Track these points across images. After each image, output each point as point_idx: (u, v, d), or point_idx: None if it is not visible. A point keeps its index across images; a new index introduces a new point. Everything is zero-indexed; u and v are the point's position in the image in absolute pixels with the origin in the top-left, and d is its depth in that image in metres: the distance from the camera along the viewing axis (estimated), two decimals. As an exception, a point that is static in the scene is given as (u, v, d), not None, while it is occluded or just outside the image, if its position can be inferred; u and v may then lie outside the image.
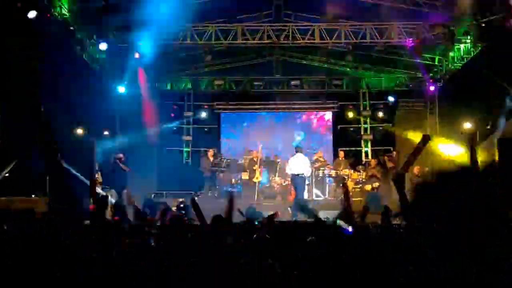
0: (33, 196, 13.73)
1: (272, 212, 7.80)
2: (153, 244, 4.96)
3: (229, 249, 5.05)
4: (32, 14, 13.57)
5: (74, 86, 15.23)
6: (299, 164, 15.87)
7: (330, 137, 23.52)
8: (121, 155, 17.51)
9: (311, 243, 5.52)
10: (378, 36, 16.95)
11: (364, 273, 4.20)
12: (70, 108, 15.31)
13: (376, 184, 18.55)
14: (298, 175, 15.68)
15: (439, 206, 3.47)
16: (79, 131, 17.51)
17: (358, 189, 18.60)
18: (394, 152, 19.99)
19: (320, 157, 19.47)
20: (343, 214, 8.64)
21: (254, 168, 18.40)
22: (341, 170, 18.85)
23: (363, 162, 21.44)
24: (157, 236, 5.60)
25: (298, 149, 16.69)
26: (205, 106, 23.30)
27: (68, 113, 15.32)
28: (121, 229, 6.03)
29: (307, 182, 18.22)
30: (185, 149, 23.16)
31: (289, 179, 17.20)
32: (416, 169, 17.87)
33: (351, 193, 18.35)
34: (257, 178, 18.28)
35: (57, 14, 14.99)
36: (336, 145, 22.69)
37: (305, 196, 17.68)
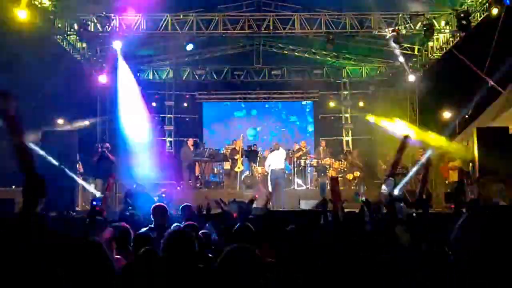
0: (13, 187, 13.71)
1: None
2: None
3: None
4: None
5: (55, 76, 15.15)
6: (278, 159, 16.43)
7: (311, 126, 23.68)
8: (107, 144, 17.41)
9: (291, 232, 5.62)
10: (358, 25, 17.01)
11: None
12: (51, 98, 15.24)
13: (357, 173, 18.69)
14: (276, 169, 16.32)
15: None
16: (60, 121, 17.41)
17: (340, 178, 18.70)
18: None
19: (304, 146, 19.56)
20: (322, 203, 8.79)
21: (236, 157, 18.45)
22: (323, 159, 18.95)
23: (344, 151, 21.60)
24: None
25: (276, 146, 17.16)
26: (187, 96, 23.30)
27: (49, 102, 15.25)
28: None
29: (287, 172, 18.49)
30: (167, 139, 23.17)
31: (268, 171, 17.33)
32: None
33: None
34: (239, 167, 18.34)
35: (37, 3, 14.86)
36: (317, 134, 22.85)
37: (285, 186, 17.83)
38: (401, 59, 19.13)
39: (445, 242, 4.12)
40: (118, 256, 5.47)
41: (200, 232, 6.11)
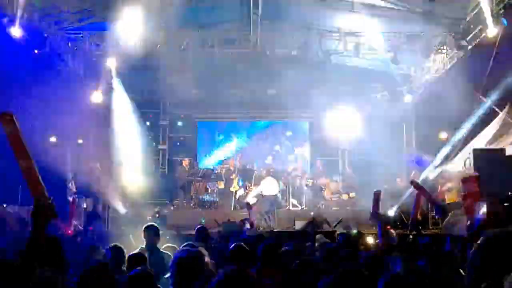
0: (4, 205, 13.50)
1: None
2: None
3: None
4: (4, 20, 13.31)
5: (48, 94, 15.01)
6: (270, 186, 16.49)
7: (307, 146, 23.56)
8: (97, 164, 17.26)
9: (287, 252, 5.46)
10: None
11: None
12: (43, 116, 15.08)
13: (353, 194, 18.52)
14: (268, 195, 16.44)
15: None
16: (52, 139, 17.24)
17: (336, 199, 18.55)
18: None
19: (299, 167, 19.45)
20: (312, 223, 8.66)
21: (231, 177, 18.29)
22: (318, 179, 18.81)
23: (340, 172, 21.46)
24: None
25: (267, 172, 17.30)
26: (182, 115, 23.18)
27: (41, 120, 15.08)
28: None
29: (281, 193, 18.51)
30: (161, 158, 22.98)
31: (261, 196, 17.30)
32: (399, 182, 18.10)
33: (329, 203, 18.38)
34: (234, 187, 18.17)
35: (30, 20, 14.75)
36: (313, 154, 22.72)
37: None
38: (398, 79, 19.08)
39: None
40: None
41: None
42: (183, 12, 16.27)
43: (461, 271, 3.45)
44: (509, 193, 12.20)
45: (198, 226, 8.23)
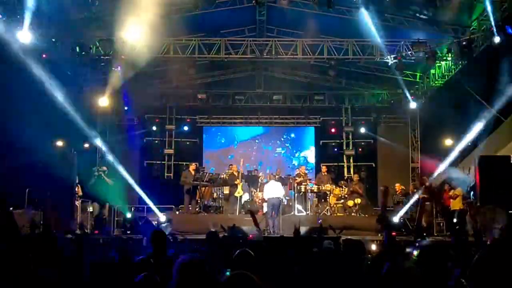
0: (11, 209, 13.57)
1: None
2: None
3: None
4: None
5: (55, 99, 15.11)
6: (274, 189, 16.47)
7: (312, 152, 23.60)
8: (105, 168, 17.24)
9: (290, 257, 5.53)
10: (360, 52, 17.06)
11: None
12: (50, 120, 15.18)
13: (358, 200, 18.49)
14: (273, 198, 16.40)
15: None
16: (59, 143, 17.32)
17: (340, 205, 18.53)
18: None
19: (303, 172, 19.42)
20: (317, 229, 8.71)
21: (236, 182, 18.30)
22: (323, 185, 18.79)
23: (345, 178, 21.46)
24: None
25: (271, 176, 17.31)
26: (188, 120, 23.25)
27: (49, 125, 15.18)
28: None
29: (288, 198, 18.51)
30: (167, 163, 23.04)
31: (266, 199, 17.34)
32: (397, 187, 18.09)
33: (333, 209, 18.37)
34: (238, 192, 18.17)
35: (39, 26, 14.86)
36: (319, 160, 22.75)
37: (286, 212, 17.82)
38: (403, 86, 19.13)
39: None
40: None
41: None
42: (189, 19, 16.40)
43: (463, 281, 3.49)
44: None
45: (208, 231, 8.25)
